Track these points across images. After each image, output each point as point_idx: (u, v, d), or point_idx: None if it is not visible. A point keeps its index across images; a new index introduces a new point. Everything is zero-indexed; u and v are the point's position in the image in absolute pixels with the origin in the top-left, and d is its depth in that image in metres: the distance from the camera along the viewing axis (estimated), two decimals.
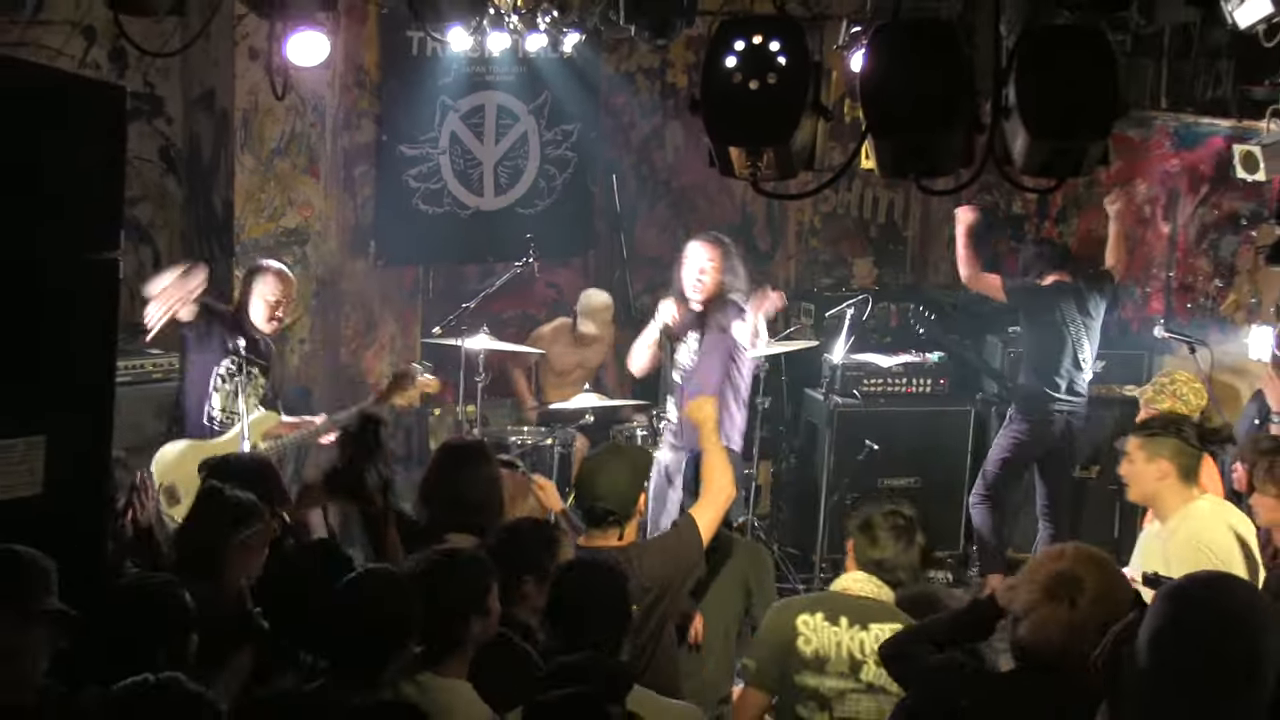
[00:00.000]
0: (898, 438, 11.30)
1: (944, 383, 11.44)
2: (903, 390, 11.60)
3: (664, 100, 12.58)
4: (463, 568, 5.78)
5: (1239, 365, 10.79)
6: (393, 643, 5.37)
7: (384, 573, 5.61)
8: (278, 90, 8.21)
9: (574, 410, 10.68)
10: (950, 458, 11.23)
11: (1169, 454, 7.34)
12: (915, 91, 5.27)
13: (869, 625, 6.39)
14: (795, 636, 6.44)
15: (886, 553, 6.57)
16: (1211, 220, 11.30)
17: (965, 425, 11.32)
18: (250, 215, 10.81)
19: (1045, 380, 10.46)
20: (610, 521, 6.86)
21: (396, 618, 5.38)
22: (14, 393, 6.04)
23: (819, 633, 6.45)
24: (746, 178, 5.47)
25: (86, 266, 6.27)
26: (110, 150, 6.35)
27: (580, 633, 5.74)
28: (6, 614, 5.10)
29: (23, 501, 6.02)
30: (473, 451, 7.44)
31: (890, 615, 6.44)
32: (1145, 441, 7.43)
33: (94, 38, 10.57)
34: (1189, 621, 3.83)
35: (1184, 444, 7.34)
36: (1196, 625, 3.83)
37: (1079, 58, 5.38)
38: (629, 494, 6.91)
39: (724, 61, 5.25)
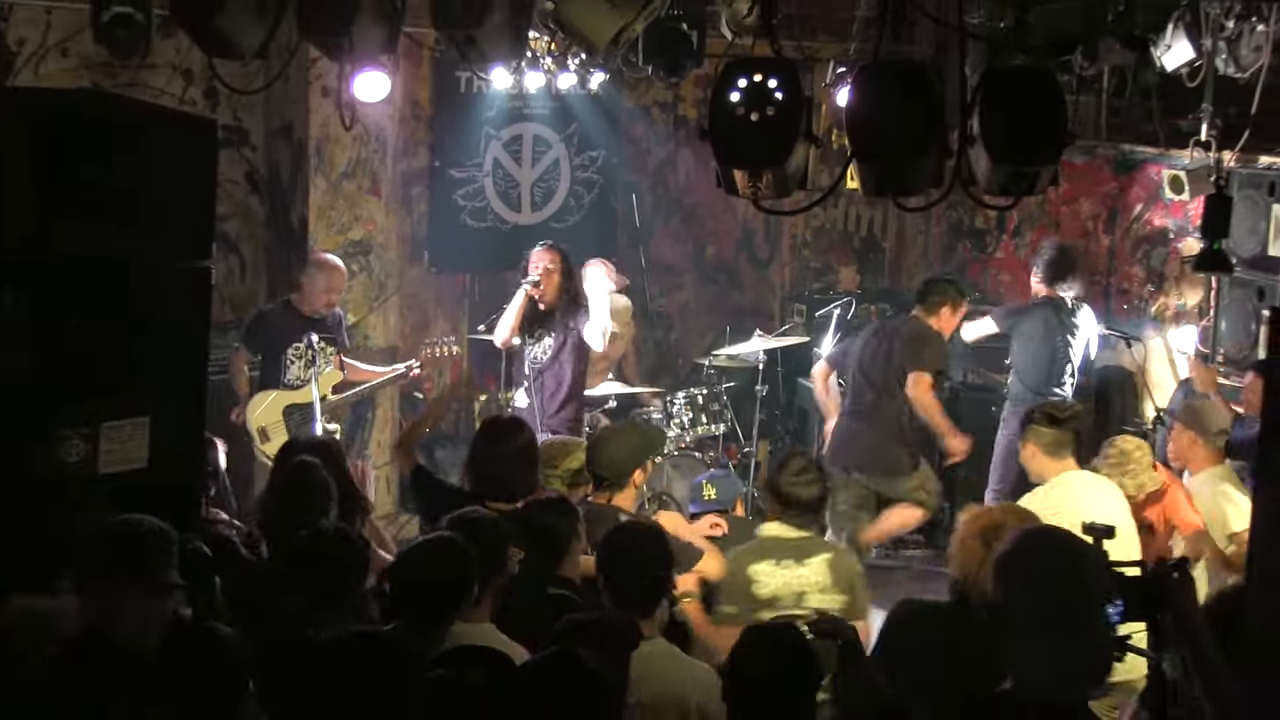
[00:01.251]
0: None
1: None
2: None
3: (676, 130, 12.55)
4: (483, 530, 5.74)
5: (1168, 358, 10.76)
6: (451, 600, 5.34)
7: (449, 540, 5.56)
8: (345, 122, 8.19)
9: (599, 396, 10.65)
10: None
11: (1031, 437, 7.56)
12: (893, 123, 5.30)
13: (805, 560, 6.64)
14: (751, 583, 6.62)
15: (803, 496, 6.84)
16: (1144, 234, 11.27)
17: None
18: (322, 229, 10.77)
19: (1032, 387, 10.34)
20: (604, 485, 7.11)
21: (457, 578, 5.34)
22: (123, 380, 6.05)
23: (770, 576, 6.64)
24: (748, 196, 5.47)
25: (183, 273, 6.29)
26: (204, 174, 6.37)
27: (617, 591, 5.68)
28: (132, 582, 5.08)
29: (131, 473, 6.06)
30: (505, 427, 7.38)
31: (819, 546, 6.83)
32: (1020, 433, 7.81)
33: (191, 79, 10.56)
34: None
35: (1038, 427, 7.54)
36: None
37: (1032, 95, 5.40)
38: (624, 466, 7.15)
39: (729, 96, 5.26)
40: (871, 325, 10.69)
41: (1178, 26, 8.21)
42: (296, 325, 9.61)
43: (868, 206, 13.11)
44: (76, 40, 9.83)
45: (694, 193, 12.65)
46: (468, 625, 5.48)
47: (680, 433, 10.60)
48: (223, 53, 6.78)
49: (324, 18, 6.66)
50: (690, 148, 12.41)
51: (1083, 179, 11.53)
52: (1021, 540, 4.09)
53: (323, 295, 9.72)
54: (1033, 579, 3.89)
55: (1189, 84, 8.85)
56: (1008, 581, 3.91)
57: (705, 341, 12.73)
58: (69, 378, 5.89)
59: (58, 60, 10.02)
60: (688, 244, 12.84)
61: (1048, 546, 4.03)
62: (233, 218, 10.99)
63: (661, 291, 12.67)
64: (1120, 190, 11.41)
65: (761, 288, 13.20)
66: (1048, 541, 4.11)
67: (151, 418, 6.13)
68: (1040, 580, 3.87)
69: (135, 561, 5.02)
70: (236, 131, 10.99)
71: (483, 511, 6.07)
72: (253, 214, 11.28)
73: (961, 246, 12.79)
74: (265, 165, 11.23)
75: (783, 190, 5.43)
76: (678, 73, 8.83)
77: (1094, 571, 3.89)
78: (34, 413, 5.84)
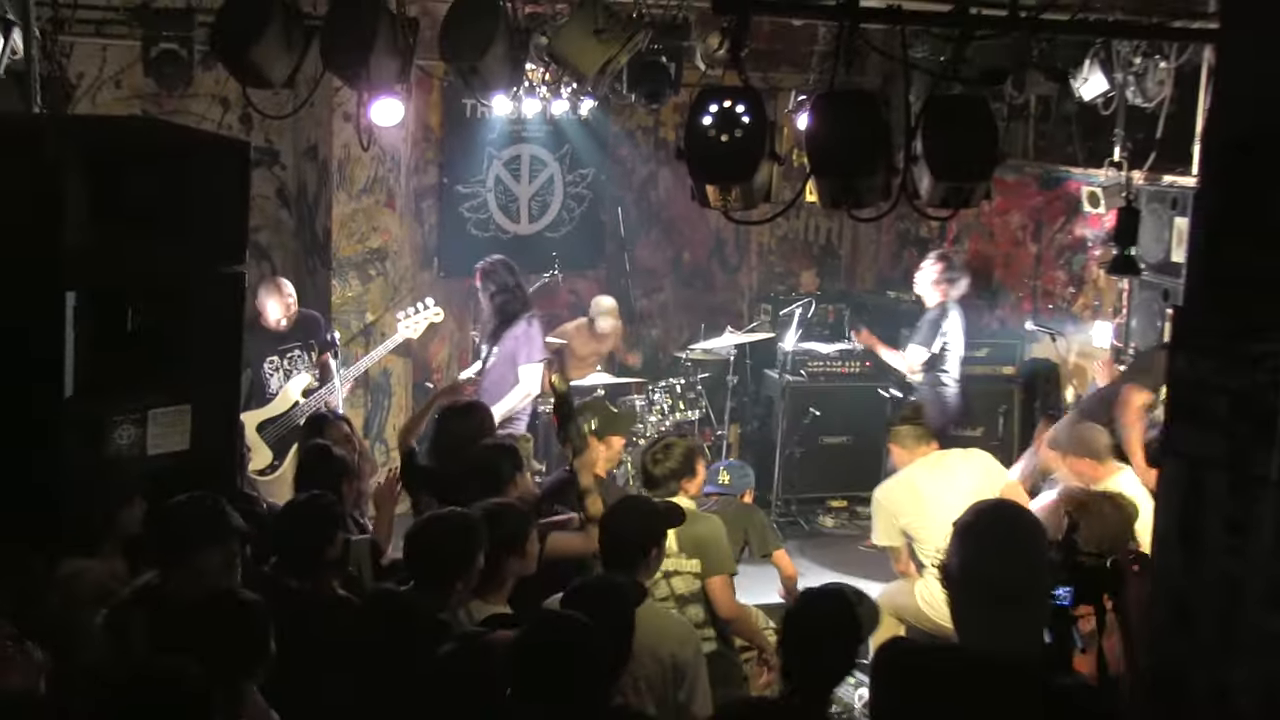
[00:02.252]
0: (834, 406, 11.23)
1: (868, 365, 11.33)
2: (838, 370, 11.47)
3: (656, 151, 12.51)
4: (505, 516, 5.70)
5: (1087, 350, 10.76)
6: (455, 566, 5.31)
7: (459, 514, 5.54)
8: (364, 144, 8.19)
9: (589, 385, 10.62)
10: (873, 421, 11.04)
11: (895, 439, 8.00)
12: (846, 144, 5.32)
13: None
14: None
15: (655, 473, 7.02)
16: (1066, 242, 11.25)
17: (884, 397, 11.21)
18: (343, 239, 10.76)
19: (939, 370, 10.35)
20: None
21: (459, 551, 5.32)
22: (167, 372, 6.05)
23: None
24: (719, 208, 5.48)
25: (220, 277, 6.29)
26: (239, 190, 6.38)
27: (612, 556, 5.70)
28: (214, 552, 5.09)
29: (175, 454, 6.08)
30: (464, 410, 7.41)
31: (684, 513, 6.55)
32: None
33: (228, 106, 10.54)
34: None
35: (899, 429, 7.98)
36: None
37: (968, 120, 5.42)
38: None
39: (702, 120, 5.27)
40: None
41: (1094, 62, 8.23)
42: (265, 343, 9.37)
43: (825, 217, 13.08)
44: (128, 73, 9.82)
45: (672, 206, 12.62)
46: (486, 604, 5.48)
47: (660, 418, 10.59)
48: (256, 83, 6.80)
49: (344, 51, 6.68)
50: (669, 166, 12.37)
51: (1012, 194, 11.52)
52: (976, 513, 3.90)
53: (275, 310, 9.44)
54: (980, 550, 3.81)
55: (1103, 112, 8.88)
56: (959, 550, 3.77)
57: (682, 337, 12.69)
58: (121, 371, 5.89)
59: (112, 91, 10.02)
60: (667, 251, 12.82)
61: (996, 521, 3.87)
62: (264, 228, 10.97)
63: (644, 293, 12.65)
64: (1045, 204, 11.40)
65: (731, 290, 13.17)
66: (997, 516, 3.93)
67: (192, 406, 6.14)
68: (986, 552, 3.78)
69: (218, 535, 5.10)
70: (268, 152, 10.97)
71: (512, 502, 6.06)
72: (282, 225, 11.25)
73: (907, 253, 12.78)
74: (294, 182, 11.21)
75: (750, 203, 5.44)
76: (658, 100, 8.81)
77: (1038, 551, 3.80)
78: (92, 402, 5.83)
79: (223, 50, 6.80)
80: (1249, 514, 3.16)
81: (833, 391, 11.24)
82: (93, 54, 9.75)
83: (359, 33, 6.60)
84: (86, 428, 5.83)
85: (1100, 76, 8.25)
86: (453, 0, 7.36)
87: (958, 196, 5.38)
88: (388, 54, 6.75)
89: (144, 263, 5.89)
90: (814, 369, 11.34)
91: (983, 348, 11.11)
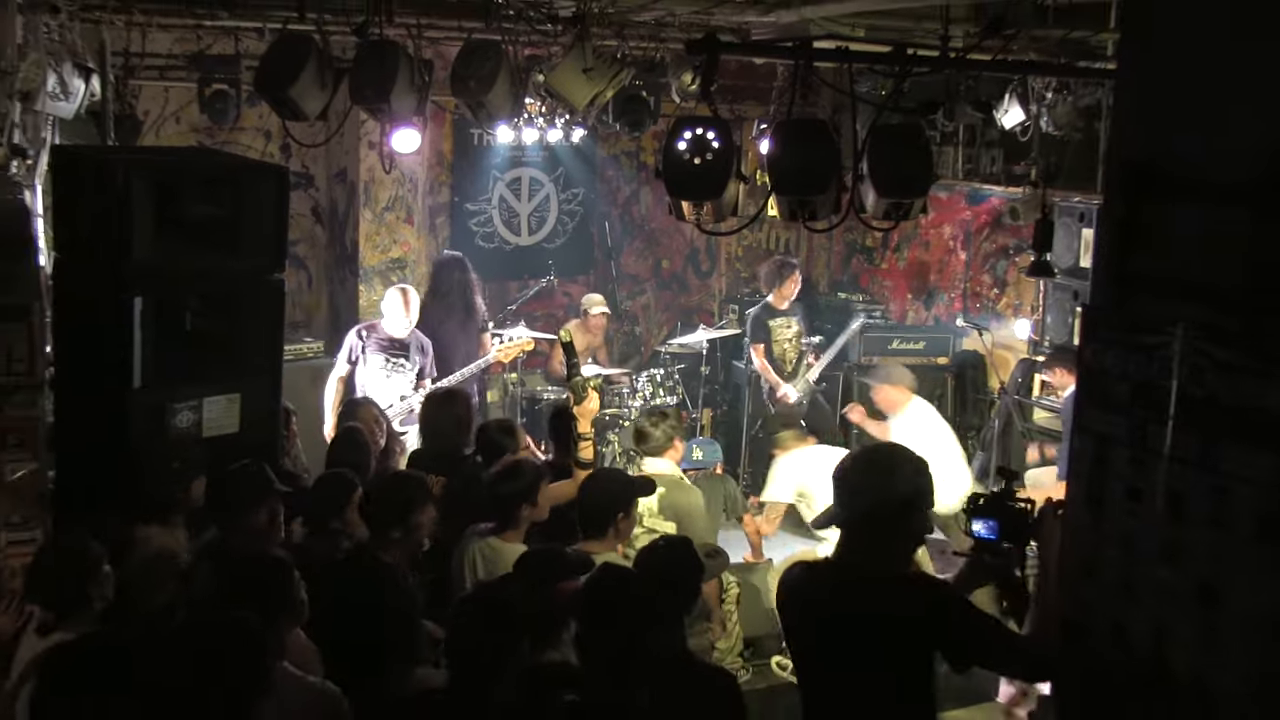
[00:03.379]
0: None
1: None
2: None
3: (639, 172, 12.52)
4: (521, 472, 5.78)
5: (1009, 344, 10.79)
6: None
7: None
8: (386, 168, 8.20)
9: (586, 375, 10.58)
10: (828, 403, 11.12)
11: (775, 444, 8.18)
12: (802, 165, 5.29)
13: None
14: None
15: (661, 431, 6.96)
16: (991, 250, 11.29)
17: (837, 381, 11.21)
18: (369, 250, 10.75)
19: None
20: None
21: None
22: (221, 365, 6.05)
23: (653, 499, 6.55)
24: (693, 222, 5.47)
25: (263, 284, 6.26)
26: (279, 208, 6.34)
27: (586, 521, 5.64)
28: (261, 511, 5.17)
29: (227, 436, 6.08)
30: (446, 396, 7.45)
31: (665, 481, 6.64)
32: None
33: (270, 137, 10.53)
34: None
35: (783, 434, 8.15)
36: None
37: (907, 144, 5.41)
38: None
39: (678, 145, 5.26)
40: None
41: (1013, 96, 8.25)
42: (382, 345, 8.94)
43: (785, 229, 13.10)
44: (186, 111, 9.81)
45: (652, 220, 12.63)
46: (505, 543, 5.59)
47: (643, 403, 10.59)
48: (293, 117, 6.80)
49: (369, 89, 6.68)
50: (649, 185, 12.38)
51: (945, 209, 11.55)
52: (847, 458, 4.12)
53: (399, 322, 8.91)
54: (845, 487, 3.94)
55: (1021, 138, 8.90)
56: (835, 488, 3.96)
57: (662, 334, 12.72)
58: (180, 365, 5.90)
59: (173, 126, 10.01)
60: (648, 259, 12.83)
61: (860, 463, 4.04)
62: (301, 242, 10.95)
63: (628, 295, 12.66)
64: (973, 217, 11.44)
65: (704, 292, 13.19)
66: (863, 459, 4.11)
67: (241, 394, 6.14)
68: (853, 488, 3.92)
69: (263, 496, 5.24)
70: (304, 176, 10.95)
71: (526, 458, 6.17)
72: (317, 239, 11.23)
73: (856, 259, 12.81)
74: (326, 201, 11.19)
75: (720, 217, 5.44)
76: (639, 128, 8.82)
77: (899, 486, 3.89)
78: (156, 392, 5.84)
79: (265, 90, 6.80)
80: (1145, 483, 3.19)
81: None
82: (157, 95, 9.74)
83: (381, 73, 6.62)
84: (152, 414, 5.83)
85: (1018, 108, 8.27)
86: (462, 44, 7.38)
87: (898, 210, 5.39)
88: (406, 91, 6.76)
89: (199, 272, 5.90)
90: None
91: (920, 341, 11.12)
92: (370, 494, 5.62)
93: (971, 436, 10.78)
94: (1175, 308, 3.11)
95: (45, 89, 6.43)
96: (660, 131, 9.34)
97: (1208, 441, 3.01)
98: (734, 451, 11.02)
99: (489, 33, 7.33)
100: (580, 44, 7.32)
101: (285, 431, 6.88)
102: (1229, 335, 2.96)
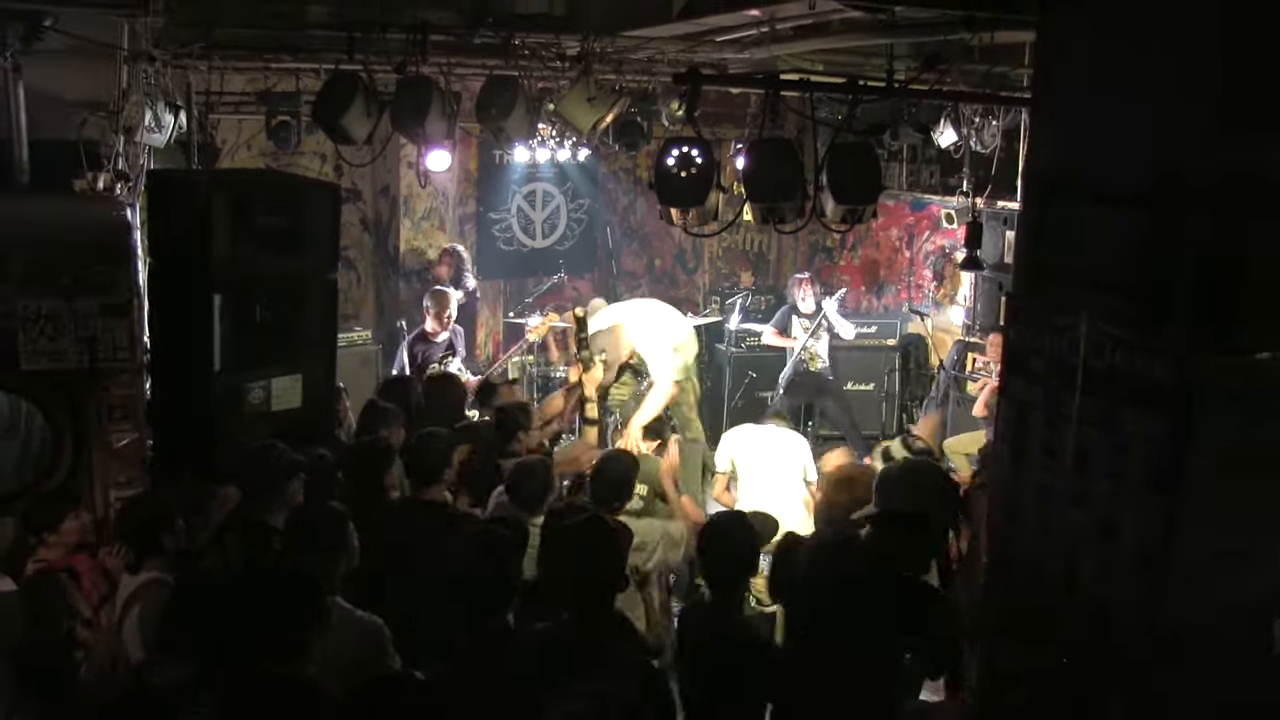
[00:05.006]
0: (765, 370, 11.09)
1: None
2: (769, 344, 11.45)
3: (635, 185, 12.47)
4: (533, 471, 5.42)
5: (947, 327, 10.81)
6: None
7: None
8: (422, 183, 8.20)
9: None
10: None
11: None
12: (772, 178, 5.28)
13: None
14: None
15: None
16: (931, 249, 11.29)
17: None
18: (408, 254, 10.74)
19: None
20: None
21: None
22: (286, 350, 6.06)
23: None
24: (681, 226, 5.47)
25: (320, 282, 6.26)
26: (333, 219, 6.34)
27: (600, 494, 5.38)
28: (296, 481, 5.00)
29: (291, 410, 6.07)
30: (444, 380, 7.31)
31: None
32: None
33: (325, 159, 10.45)
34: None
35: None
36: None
37: (859, 160, 5.41)
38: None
39: (667, 161, 5.26)
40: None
41: (947, 120, 8.23)
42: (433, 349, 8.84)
43: (758, 232, 13.06)
44: (256, 138, 9.74)
45: (646, 225, 12.60)
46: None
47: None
48: (344, 141, 6.81)
49: (407, 118, 6.68)
50: (644, 196, 12.32)
51: (892, 214, 11.54)
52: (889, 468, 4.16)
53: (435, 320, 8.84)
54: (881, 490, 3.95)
55: (954, 155, 8.89)
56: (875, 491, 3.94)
57: None
58: (252, 351, 5.90)
59: (245, 151, 9.98)
60: (644, 259, 12.81)
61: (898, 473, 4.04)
62: (351, 247, 10.91)
63: (627, 289, 12.62)
64: (915, 221, 11.43)
65: (690, 286, 13.15)
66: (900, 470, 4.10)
67: (303, 375, 6.13)
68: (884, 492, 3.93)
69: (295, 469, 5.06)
70: (353, 192, 10.90)
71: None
72: (364, 245, 11.20)
73: (818, 257, 12.79)
74: (372, 212, 11.15)
75: (703, 221, 5.43)
76: (635, 148, 8.81)
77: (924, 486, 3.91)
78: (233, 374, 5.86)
79: (321, 119, 6.81)
80: (1058, 441, 3.22)
81: (765, 359, 11.20)
82: (232, 126, 9.71)
83: (417, 104, 6.61)
84: (230, 392, 5.83)
85: (952, 130, 8.26)
86: (485, 79, 7.38)
87: (853, 215, 5.38)
88: (438, 119, 6.76)
89: (267, 273, 5.88)
90: (752, 343, 11.29)
91: (873, 325, 11.14)
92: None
93: (915, 405, 10.84)
94: (1081, 295, 3.14)
95: (143, 124, 6.45)
96: (652, 150, 9.34)
97: (1109, 408, 3.04)
98: (718, 422, 11.03)
99: (507, 69, 7.31)
100: (585, 78, 7.32)
101: (339, 407, 6.87)
102: (1125, 318, 2.99)
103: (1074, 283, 3.17)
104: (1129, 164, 3.01)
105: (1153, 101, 2.94)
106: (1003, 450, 3.46)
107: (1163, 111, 2.91)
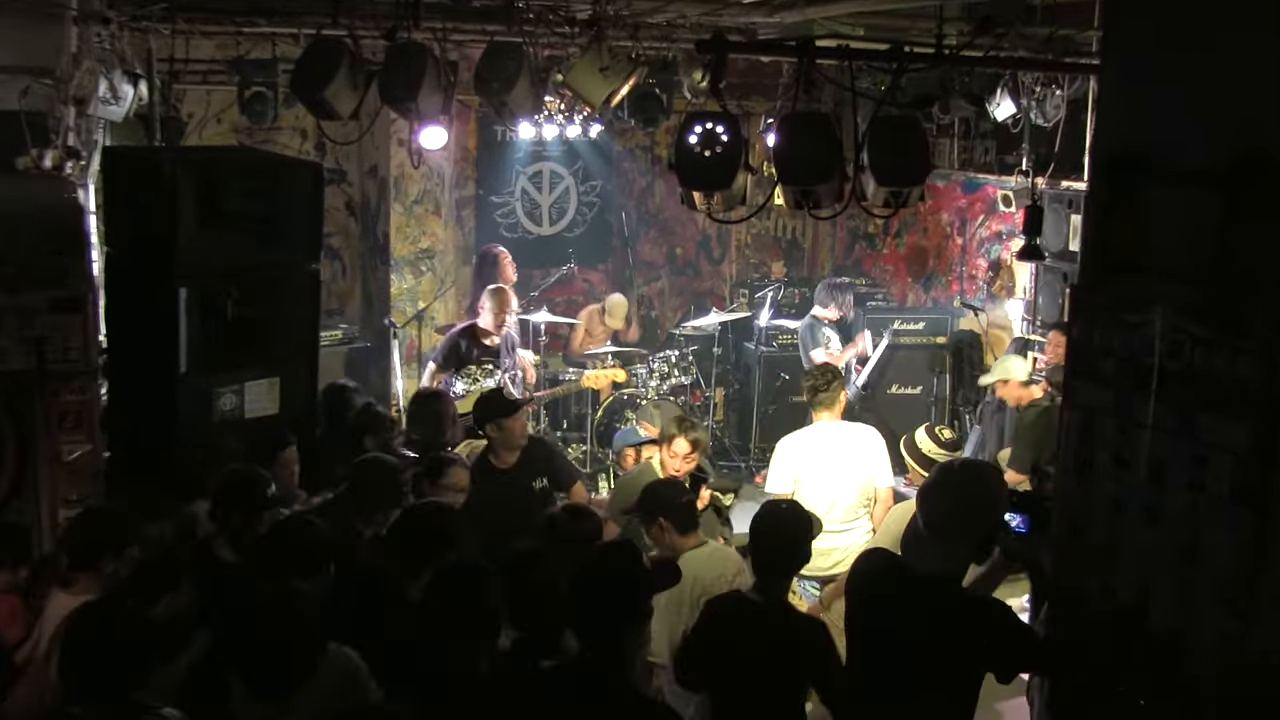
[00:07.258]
0: (799, 371, 10.90)
1: None
2: None
3: (653, 165, 12.49)
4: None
5: (1002, 323, 10.77)
6: None
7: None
8: (415, 163, 8.19)
9: (601, 352, 10.61)
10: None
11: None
12: (807, 157, 5.23)
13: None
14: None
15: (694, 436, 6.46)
16: (985, 236, 11.24)
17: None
18: (399, 241, 10.75)
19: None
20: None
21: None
22: (261, 350, 6.07)
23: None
24: (704, 211, 5.43)
25: (300, 273, 6.27)
26: (315, 203, 6.35)
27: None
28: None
29: (267, 416, 6.10)
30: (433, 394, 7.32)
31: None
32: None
33: (306, 136, 10.54)
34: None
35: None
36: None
37: (905, 136, 5.33)
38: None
39: (689, 139, 5.21)
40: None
41: (1004, 90, 8.20)
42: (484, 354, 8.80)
43: (791, 217, 13.06)
44: (228, 112, 9.84)
45: (666, 210, 12.62)
46: None
47: (659, 382, 10.60)
48: (327, 116, 6.79)
49: (398, 89, 6.66)
50: (663, 178, 12.35)
51: (942, 197, 11.51)
52: (934, 472, 4.13)
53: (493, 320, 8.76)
54: (928, 500, 3.93)
55: (1013, 130, 8.85)
56: (919, 501, 3.95)
57: (676, 317, 12.72)
58: (223, 351, 5.91)
59: (215, 126, 10.04)
60: (663, 247, 12.83)
61: (944, 478, 4.02)
62: (336, 234, 10.98)
63: (644, 281, 12.66)
64: (968, 205, 11.39)
65: (716, 278, 13.18)
66: (945, 474, 4.07)
67: (281, 379, 6.15)
68: (934, 500, 3.91)
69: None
70: (338, 172, 10.96)
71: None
72: (350, 231, 11.25)
73: (858, 245, 12.77)
74: (359, 196, 11.21)
75: (729, 206, 5.39)
76: (653, 124, 8.80)
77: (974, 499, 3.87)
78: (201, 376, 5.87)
79: (301, 91, 6.80)
80: (1131, 451, 3.20)
81: (799, 359, 11.15)
82: (200, 98, 9.77)
83: (409, 74, 6.58)
84: (197, 397, 5.85)
85: (1009, 101, 8.23)
86: (485, 46, 7.38)
87: (897, 199, 5.32)
88: (433, 91, 6.74)
89: (240, 262, 5.90)
90: (783, 341, 11.26)
91: (920, 321, 11.08)
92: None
93: (969, 411, 10.79)
94: (1154, 286, 3.12)
95: (97, 94, 6.45)
96: (673, 126, 9.34)
97: (1186, 413, 3.02)
98: (746, 429, 11.02)
99: (510, 35, 7.33)
100: (597, 45, 7.31)
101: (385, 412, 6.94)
102: (1203, 312, 2.97)
103: (1148, 273, 3.15)
104: (1207, 136, 2.99)
105: (1235, 64, 2.92)
106: (1066, 460, 3.45)
107: (1246, 76, 2.89)
